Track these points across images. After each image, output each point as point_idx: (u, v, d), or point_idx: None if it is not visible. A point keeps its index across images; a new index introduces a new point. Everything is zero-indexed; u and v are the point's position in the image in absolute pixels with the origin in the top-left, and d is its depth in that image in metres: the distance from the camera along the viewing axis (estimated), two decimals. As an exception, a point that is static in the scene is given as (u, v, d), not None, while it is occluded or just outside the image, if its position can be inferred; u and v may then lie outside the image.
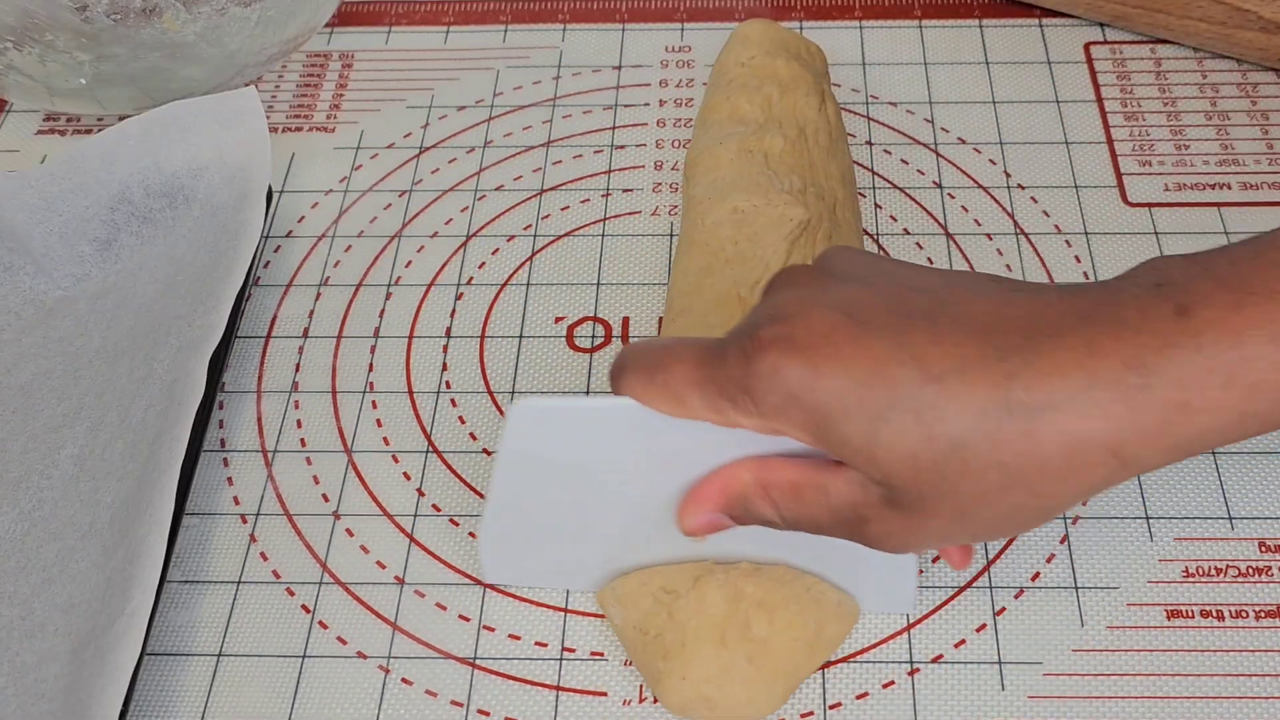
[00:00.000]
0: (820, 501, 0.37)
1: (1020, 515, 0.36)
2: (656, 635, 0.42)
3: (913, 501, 0.35)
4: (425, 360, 0.54)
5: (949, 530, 0.37)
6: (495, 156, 0.62)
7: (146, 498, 0.45)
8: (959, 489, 0.35)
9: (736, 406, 0.36)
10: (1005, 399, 0.33)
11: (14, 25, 0.55)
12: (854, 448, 0.35)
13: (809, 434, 0.36)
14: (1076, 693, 0.43)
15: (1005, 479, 0.34)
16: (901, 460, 0.34)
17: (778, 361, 0.35)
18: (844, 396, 0.34)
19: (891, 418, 0.34)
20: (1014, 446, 0.34)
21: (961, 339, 0.34)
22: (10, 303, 0.54)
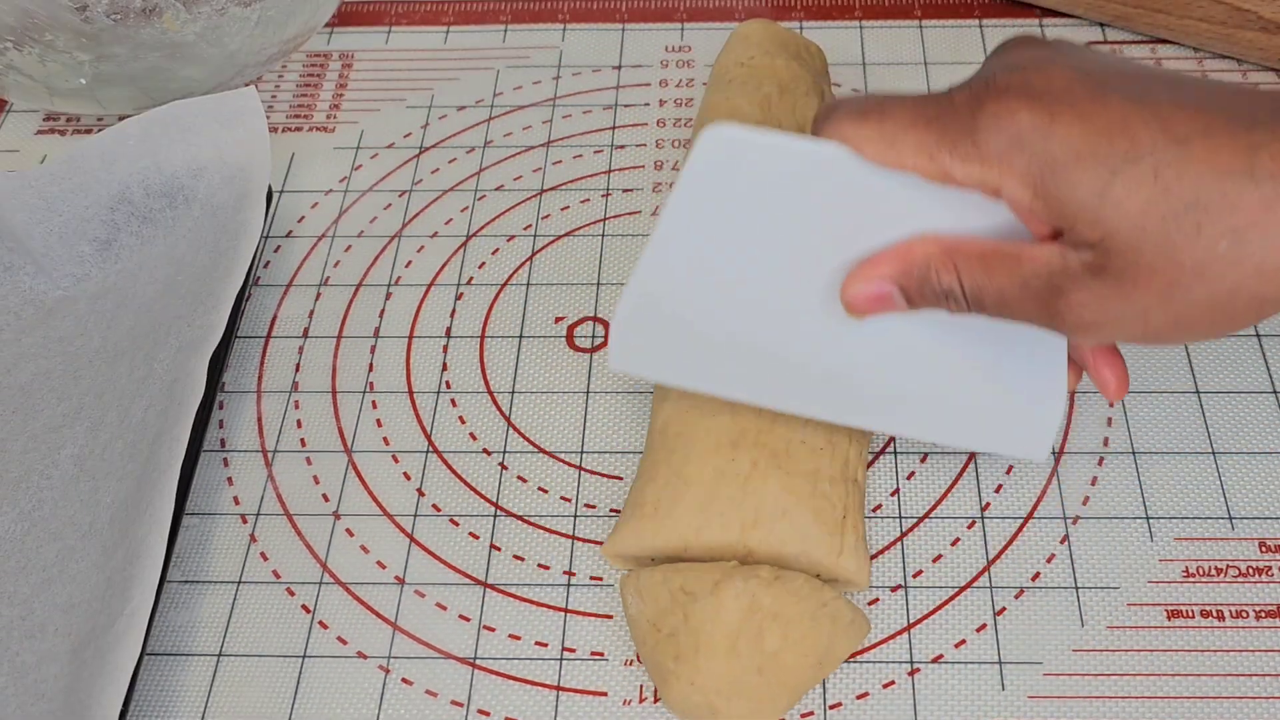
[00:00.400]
0: (1012, 271, 0.36)
1: (1233, 303, 0.34)
2: (670, 634, 0.42)
3: (1125, 267, 0.34)
4: (425, 360, 0.54)
5: (1152, 309, 0.34)
6: (495, 156, 0.62)
7: (146, 498, 0.45)
8: (1182, 256, 0.33)
9: (956, 151, 0.35)
10: (1251, 165, 0.32)
11: (14, 25, 0.55)
12: (1080, 200, 0.33)
13: (1029, 187, 0.34)
14: (1076, 693, 0.43)
15: (1236, 252, 0.32)
16: (1129, 216, 0.33)
17: (1014, 105, 0.34)
18: (1078, 147, 0.33)
19: (1128, 171, 0.33)
20: (1252, 214, 0.32)
21: (1208, 110, 0.33)
22: (10, 303, 0.54)
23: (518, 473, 0.50)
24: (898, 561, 0.46)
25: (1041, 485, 0.48)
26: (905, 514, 0.48)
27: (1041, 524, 0.47)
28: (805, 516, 0.44)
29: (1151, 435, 0.49)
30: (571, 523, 0.48)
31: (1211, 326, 0.35)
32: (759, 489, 0.44)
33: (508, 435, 0.51)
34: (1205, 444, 0.49)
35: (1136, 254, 0.33)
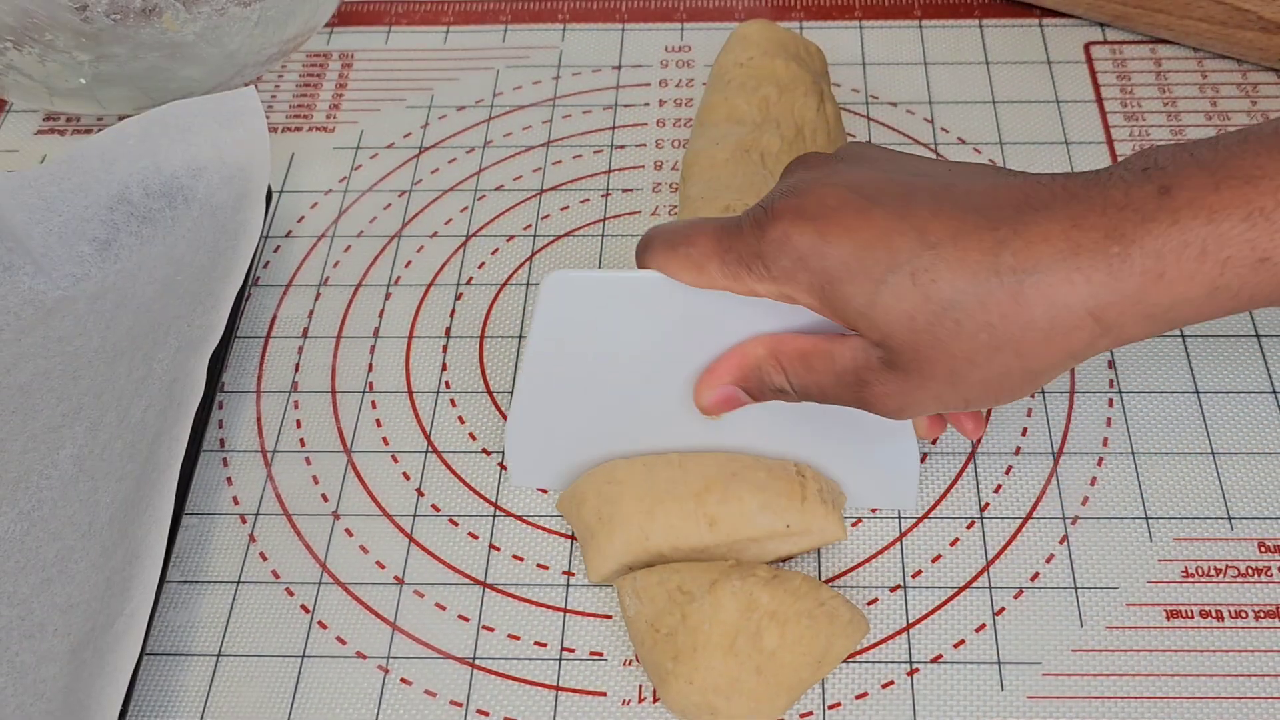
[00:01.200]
0: (827, 368, 0.40)
1: (1010, 379, 0.38)
2: (668, 634, 0.42)
3: (909, 362, 0.38)
4: (425, 360, 0.54)
5: (943, 392, 0.39)
6: (495, 156, 0.62)
7: (146, 498, 0.45)
8: (951, 349, 0.37)
9: (751, 273, 0.39)
10: (995, 264, 0.36)
11: (14, 25, 0.55)
12: (855, 309, 0.38)
13: (815, 297, 0.38)
14: (1076, 693, 0.43)
15: (994, 340, 0.37)
16: (899, 320, 0.37)
17: (789, 229, 0.38)
18: (848, 261, 0.37)
19: (890, 280, 0.37)
20: (1002, 308, 0.36)
21: (959, 213, 0.37)
22: (10, 303, 0.54)
23: (517, 473, 0.50)
24: (897, 561, 0.46)
25: (1041, 486, 0.48)
26: (904, 514, 0.48)
27: (1041, 524, 0.47)
28: (758, 474, 0.45)
29: (1151, 435, 0.49)
30: (571, 523, 0.48)
31: (998, 398, 0.39)
32: (697, 464, 0.45)
33: (507, 435, 0.51)
34: (1204, 444, 0.49)
35: (914, 350, 0.38)
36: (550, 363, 0.45)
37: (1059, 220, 0.36)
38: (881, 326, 0.38)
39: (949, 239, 0.37)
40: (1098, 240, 0.35)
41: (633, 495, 0.45)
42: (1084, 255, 0.35)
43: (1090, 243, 0.35)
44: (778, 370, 0.42)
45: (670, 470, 0.45)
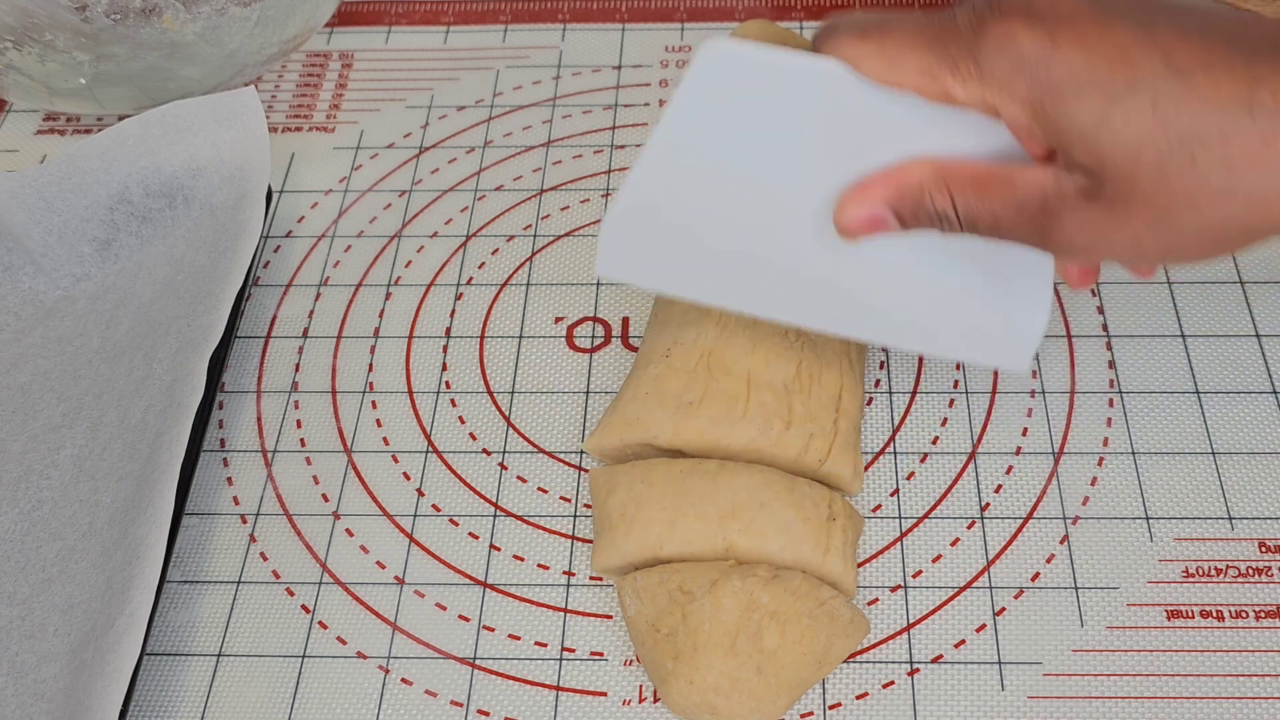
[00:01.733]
0: (1006, 194, 0.36)
1: (1225, 232, 0.34)
2: (669, 634, 0.42)
3: (1118, 194, 0.34)
4: (425, 360, 0.54)
5: (1144, 234, 0.35)
6: (495, 156, 0.62)
7: (146, 498, 0.45)
8: (1175, 186, 0.34)
9: (956, 72, 0.35)
10: (1250, 99, 0.32)
11: (14, 25, 0.55)
12: (1078, 127, 0.34)
13: (1028, 110, 0.35)
14: (1076, 693, 0.43)
15: (1228, 183, 0.33)
16: (1126, 145, 0.33)
17: (1016, 28, 0.34)
18: (1079, 74, 0.34)
19: (1127, 100, 0.33)
20: (1248, 147, 0.33)
21: (1210, 41, 0.33)
22: (10, 303, 0.54)
23: (517, 473, 0.50)
24: (897, 561, 0.46)
25: (1041, 485, 0.48)
26: (905, 514, 0.48)
27: (1041, 524, 0.47)
28: (787, 511, 0.44)
29: (1151, 435, 0.49)
30: (571, 523, 0.48)
31: (1200, 252, 0.36)
32: (731, 482, 0.44)
33: (507, 435, 0.51)
34: (1205, 444, 0.49)
35: (1131, 182, 0.34)
36: (683, 143, 0.39)
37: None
38: (1103, 150, 0.34)
39: (1200, 67, 0.33)
40: None
41: (659, 502, 0.44)
42: None
43: None
44: (943, 193, 0.37)
45: (703, 483, 0.45)
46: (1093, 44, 0.34)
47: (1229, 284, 0.54)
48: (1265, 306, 0.53)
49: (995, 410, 0.51)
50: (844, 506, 0.45)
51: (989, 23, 0.34)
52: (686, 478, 0.45)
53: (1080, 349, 0.52)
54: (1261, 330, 0.52)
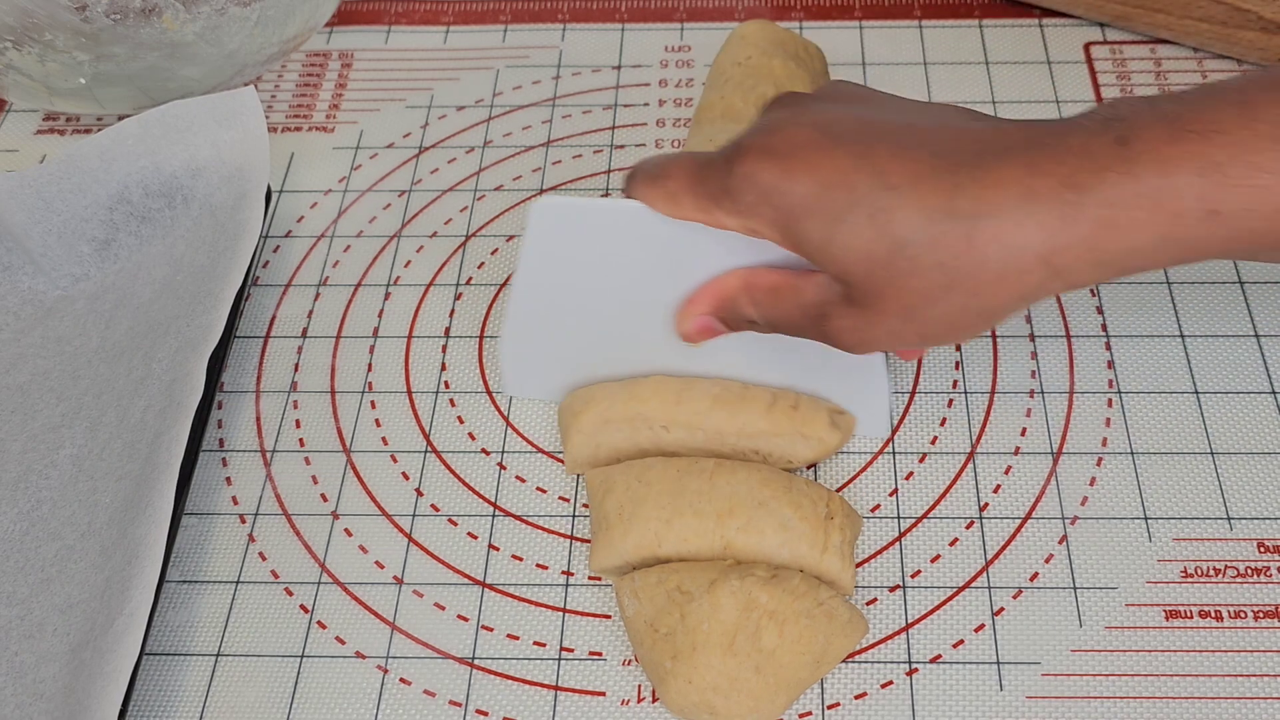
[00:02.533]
0: (794, 300, 0.42)
1: (964, 317, 0.39)
2: (667, 634, 0.42)
3: (865, 297, 0.39)
4: (424, 360, 0.54)
5: (899, 328, 0.40)
6: (495, 156, 0.62)
7: (145, 498, 0.45)
8: (906, 286, 0.38)
9: (720, 206, 0.41)
10: (950, 206, 0.37)
11: (14, 25, 0.55)
12: (815, 244, 0.39)
13: (778, 231, 0.40)
14: (1075, 693, 0.43)
15: (947, 279, 0.38)
16: (856, 257, 0.38)
17: (755, 166, 0.40)
18: (808, 199, 0.39)
19: (848, 218, 0.38)
20: (954, 249, 0.37)
21: (919, 156, 0.38)
22: (9, 303, 0.54)
23: (516, 473, 0.50)
24: (896, 561, 0.46)
25: (1040, 485, 0.48)
26: (904, 514, 0.48)
27: (1040, 524, 0.47)
28: (784, 509, 0.44)
29: (1150, 436, 0.49)
30: (570, 523, 0.48)
31: (954, 335, 0.40)
32: (728, 481, 0.45)
33: (506, 435, 0.51)
34: (1204, 444, 0.49)
35: (871, 286, 0.39)
36: (540, 285, 0.47)
37: (1016, 166, 0.37)
38: (839, 262, 0.39)
39: (908, 182, 0.38)
40: (1053, 187, 0.36)
41: (656, 501, 0.45)
42: (1038, 201, 0.36)
43: (1045, 189, 0.36)
44: (750, 303, 0.44)
45: (700, 482, 0.45)
46: (819, 171, 0.39)
47: (1229, 284, 0.54)
48: (1265, 306, 0.53)
49: (994, 410, 0.51)
50: (841, 505, 0.45)
51: (736, 161, 0.40)
52: (683, 477, 0.45)
53: (1079, 349, 0.52)
54: (1261, 330, 0.52)
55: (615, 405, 0.47)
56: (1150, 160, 0.36)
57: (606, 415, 0.47)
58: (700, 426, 0.47)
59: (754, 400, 0.47)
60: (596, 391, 0.48)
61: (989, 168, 0.37)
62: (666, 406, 0.47)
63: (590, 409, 0.48)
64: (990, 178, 0.37)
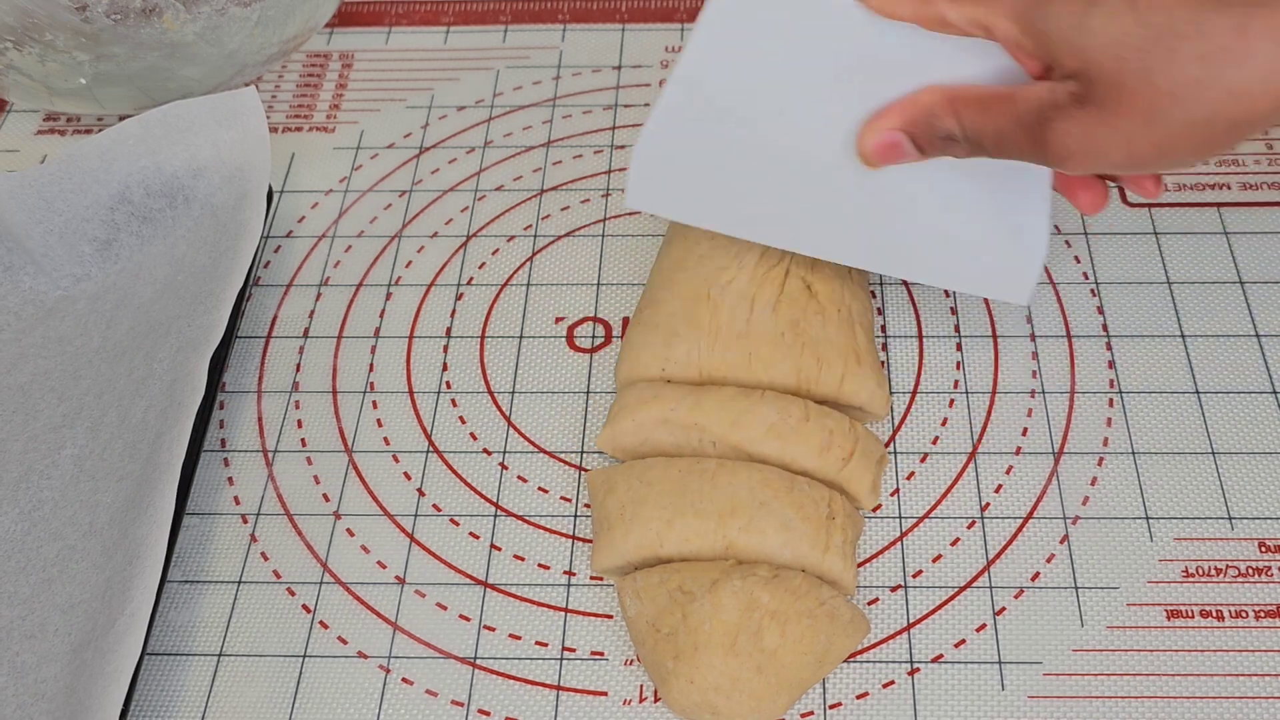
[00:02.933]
0: (1006, 110, 0.38)
1: (1211, 126, 0.35)
2: (669, 634, 0.42)
3: (1108, 95, 0.36)
4: (425, 360, 0.54)
5: (1136, 133, 0.36)
6: (495, 156, 0.62)
7: (147, 498, 0.45)
8: (1158, 81, 0.35)
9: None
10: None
11: (14, 25, 0.55)
12: (1061, 31, 0.36)
13: (1015, 20, 0.37)
14: (1076, 692, 0.43)
15: (1207, 74, 0.34)
16: (1107, 44, 0.35)
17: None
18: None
19: (1105, 2, 0.35)
20: (1222, 39, 0.34)
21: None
22: (10, 303, 0.54)
23: (518, 473, 0.50)
24: (897, 561, 0.47)
25: (1041, 485, 0.48)
26: (905, 514, 0.48)
27: (1041, 524, 0.47)
28: (786, 509, 0.44)
29: (1151, 435, 0.49)
30: (572, 523, 0.48)
31: (1193, 150, 0.37)
32: (730, 481, 0.45)
33: (508, 435, 0.51)
34: (1205, 444, 0.49)
35: (1116, 81, 0.35)
36: (706, 80, 0.42)
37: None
38: (1087, 51, 0.36)
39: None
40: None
41: (657, 501, 0.45)
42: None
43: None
44: (951, 115, 0.40)
45: (701, 482, 0.45)
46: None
47: (1229, 284, 0.54)
48: (1265, 306, 0.53)
49: (995, 410, 0.51)
50: (843, 505, 0.45)
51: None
52: (685, 477, 0.45)
53: (1080, 349, 0.52)
54: (1261, 330, 0.52)
55: (680, 410, 0.47)
56: None
57: (667, 416, 0.47)
58: (748, 452, 0.46)
59: (809, 438, 0.46)
60: (662, 390, 0.48)
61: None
62: (723, 427, 0.46)
63: (655, 405, 0.47)
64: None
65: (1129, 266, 0.55)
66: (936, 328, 0.53)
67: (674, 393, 0.47)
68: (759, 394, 0.47)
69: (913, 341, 0.53)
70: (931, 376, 0.52)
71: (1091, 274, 0.55)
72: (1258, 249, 0.55)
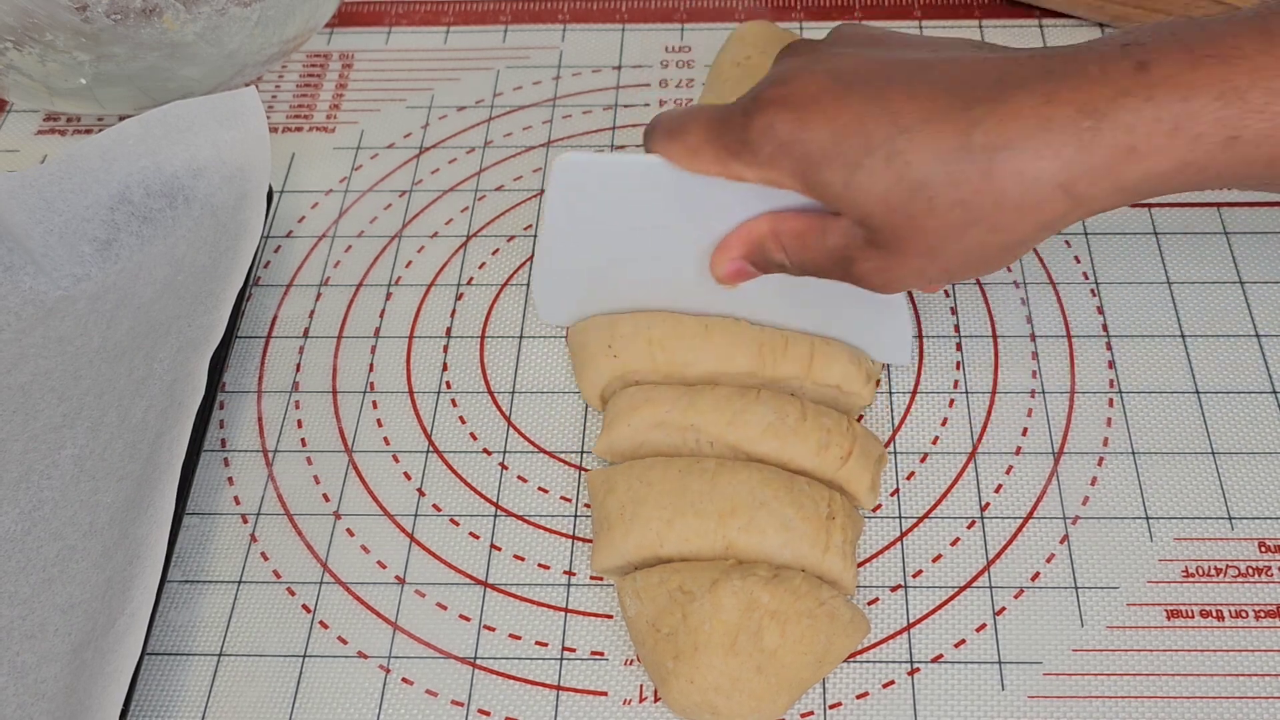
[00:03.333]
0: (819, 244, 0.43)
1: (986, 251, 0.40)
2: (669, 634, 0.42)
3: (888, 240, 0.40)
4: (425, 360, 0.54)
5: (923, 266, 0.41)
6: (495, 156, 0.62)
7: (147, 498, 0.45)
8: (926, 226, 0.39)
9: (739, 159, 0.42)
10: (967, 142, 0.37)
11: (14, 25, 0.55)
12: (834, 191, 0.40)
13: (798, 180, 0.41)
14: (1076, 693, 0.43)
15: (967, 216, 0.38)
16: (875, 201, 0.39)
17: (772, 117, 0.40)
18: (825, 147, 0.39)
19: (865, 163, 0.39)
20: (973, 185, 0.38)
21: (933, 94, 0.38)
22: (10, 303, 0.54)
23: (518, 473, 0.50)
24: (897, 561, 0.47)
25: (1041, 485, 0.48)
26: (905, 514, 0.48)
27: (1041, 524, 0.47)
28: (786, 509, 0.44)
29: (1151, 435, 0.49)
30: (572, 523, 0.48)
31: (978, 270, 0.41)
32: (730, 481, 0.45)
33: (508, 435, 0.51)
34: (1205, 444, 0.49)
35: (892, 229, 0.40)
36: (566, 235, 0.49)
37: (1033, 96, 0.37)
38: (860, 207, 0.39)
39: (920, 122, 0.38)
40: (1070, 115, 0.36)
41: (657, 501, 0.45)
42: (1056, 130, 0.37)
43: (1063, 117, 0.36)
44: (778, 248, 0.44)
45: (701, 482, 0.45)
46: (835, 119, 0.39)
47: (1229, 284, 0.54)
48: (1265, 306, 0.53)
49: (995, 410, 0.51)
50: (843, 505, 0.45)
51: (753, 114, 0.41)
52: (685, 477, 0.45)
53: (1080, 349, 0.52)
54: (1261, 330, 0.52)
55: (675, 411, 0.47)
56: (1170, 85, 0.36)
57: (662, 419, 0.47)
58: (746, 452, 0.47)
59: (806, 437, 0.46)
60: (655, 393, 0.48)
61: (1004, 100, 0.37)
62: (719, 427, 0.46)
63: (647, 409, 0.47)
64: (1006, 110, 0.37)
65: (1129, 266, 0.55)
66: (936, 327, 0.53)
67: (667, 394, 0.47)
68: (754, 393, 0.47)
69: (912, 341, 0.53)
70: (931, 376, 0.52)
71: (1091, 274, 0.55)
72: (1258, 249, 0.55)
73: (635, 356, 0.49)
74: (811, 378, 0.48)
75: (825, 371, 0.48)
